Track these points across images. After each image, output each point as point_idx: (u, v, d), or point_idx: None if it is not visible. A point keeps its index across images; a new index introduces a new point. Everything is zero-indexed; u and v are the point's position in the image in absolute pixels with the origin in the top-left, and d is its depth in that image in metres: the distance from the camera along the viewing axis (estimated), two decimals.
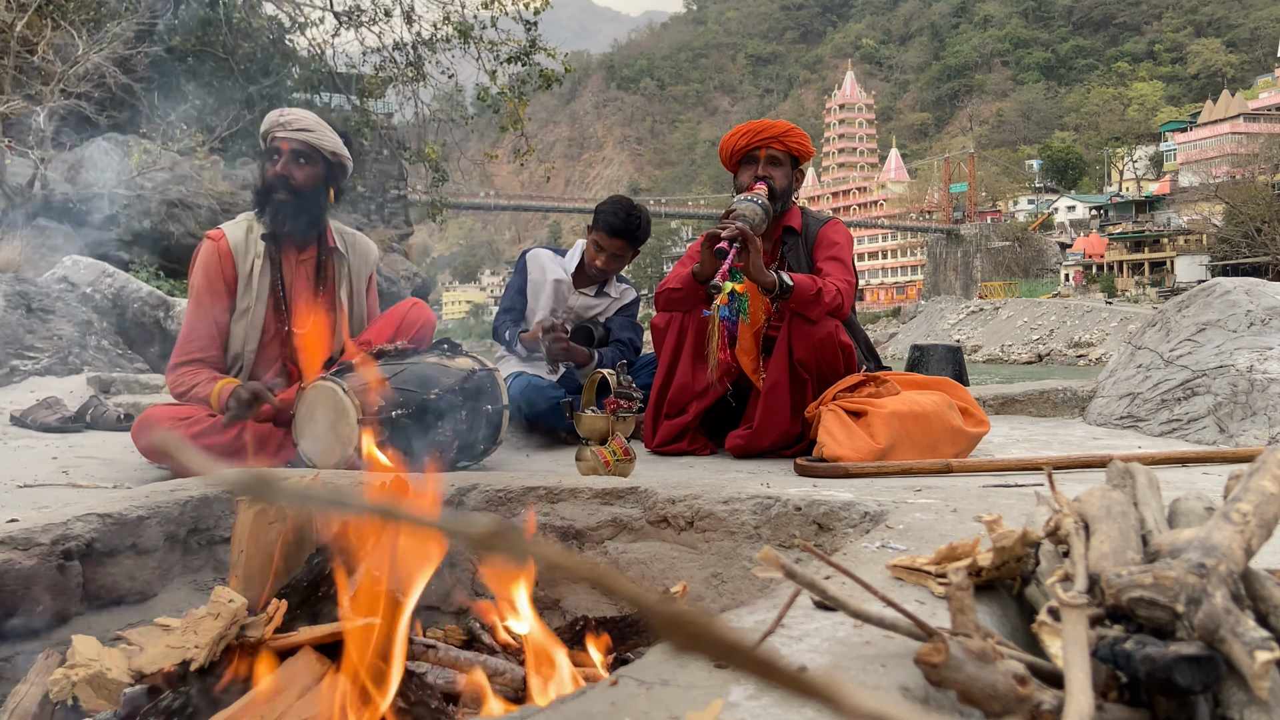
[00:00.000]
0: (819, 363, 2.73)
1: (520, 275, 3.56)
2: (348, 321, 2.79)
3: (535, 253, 3.60)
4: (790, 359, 2.74)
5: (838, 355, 2.74)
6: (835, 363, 2.74)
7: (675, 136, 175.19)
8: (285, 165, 2.61)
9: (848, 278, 2.82)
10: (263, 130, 2.67)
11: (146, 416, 2.51)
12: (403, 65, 14.70)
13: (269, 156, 2.65)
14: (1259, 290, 3.38)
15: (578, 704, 0.69)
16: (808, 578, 0.79)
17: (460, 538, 0.41)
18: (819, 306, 2.69)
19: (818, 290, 2.67)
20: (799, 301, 2.67)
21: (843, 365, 2.76)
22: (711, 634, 0.39)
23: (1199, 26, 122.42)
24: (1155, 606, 0.73)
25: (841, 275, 2.80)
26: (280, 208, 2.63)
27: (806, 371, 2.73)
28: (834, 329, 2.72)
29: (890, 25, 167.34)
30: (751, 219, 2.65)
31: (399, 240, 19.21)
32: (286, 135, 2.62)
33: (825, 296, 2.68)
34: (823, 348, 2.71)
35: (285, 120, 2.63)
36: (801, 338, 2.72)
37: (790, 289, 2.64)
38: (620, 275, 3.63)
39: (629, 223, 3.38)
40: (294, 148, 2.63)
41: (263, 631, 1.14)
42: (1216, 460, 2.29)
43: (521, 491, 1.78)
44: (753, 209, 2.67)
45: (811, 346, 2.71)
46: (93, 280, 6.61)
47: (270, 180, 2.63)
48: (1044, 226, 71.91)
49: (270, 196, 2.63)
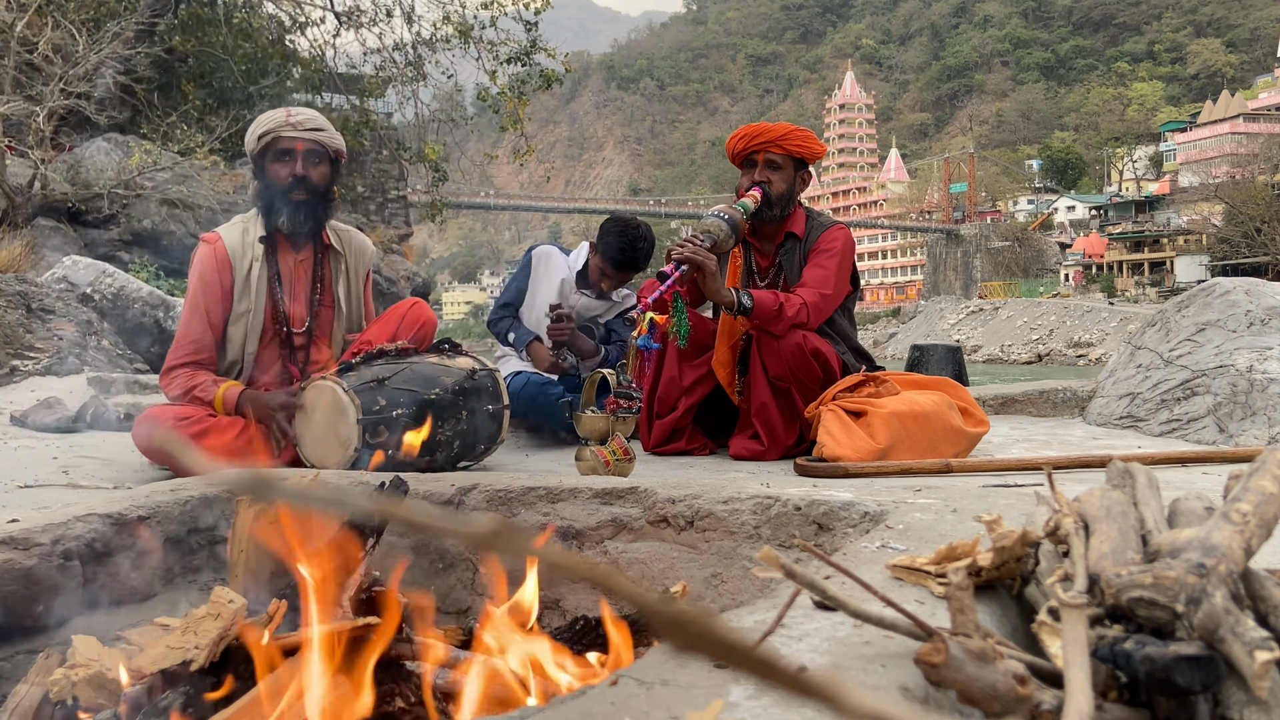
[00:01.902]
0: (794, 375, 2.74)
1: (525, 270, 3.55)
2: (346, 320, 2.79)
3: (542, 249, 3.60)
4: (767, 377, 2.76)
5: (810, 364, 2.73)
6: (811, 371, 2.74)
7: (675, 136, 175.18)
8: (303, 166, 2.59)
9: (823, 289, 2.79)
10: (265, 130, 2.59)
11: (147, 416, 2.51)
12: (403, 65, 14.70)
13: (280, 157, 2.59)
14: (1259, 290, 3.38)
15: (577, 704, 0.69)
16: (808, 578, 0.79)
17: (460, 538, 0.42)
18: (781, 321, 2.70)
19: (779, 306, 2.68)
20: (760, 318, 2.69)
21: (820, 371, 2.75)
22: (711, 634, 0.39)
23: (1199, 26, 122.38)
24: (1155, 606, 0.73)
25: (817, 284, 2.79)
26: (299, 209, 2.60)
27: (785, 383, 2.75)
28: (800, 340, 2.71)
29: (890, 25, 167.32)
30: (717, 234, 2.66)
31: (399, 240, 19.21)
32: (299, 135, 2.59)
33: (788, 310, 2.69)
34: (794, 360, 2.72)
35: (296, 120, 2.60)
36: (770, 353, 2.74)
37: (748, 308, 2.66)
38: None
39: (634, 256, 3.38)
40: (308, 147, 2.61)
41: (263, 632, 1.14)
42: (1216, 460, 2.29)
43: (521, 491, 1.78)
44: (718, 224, 2.67)
45: (782, 361, 2.72)
46: (93, 280, 6.61)
47: (287, 182, 2.58)
48: (1044, 226, 71.90)
49: (287, 198, 2.59)
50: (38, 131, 10.46)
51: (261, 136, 2.60)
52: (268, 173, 2.61)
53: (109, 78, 11.78)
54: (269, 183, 2.61)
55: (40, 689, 1.21)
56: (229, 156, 12.91)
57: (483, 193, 66.12)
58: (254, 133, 2.61)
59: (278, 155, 2.60)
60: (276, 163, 2.60)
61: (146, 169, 11.60)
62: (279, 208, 2.61)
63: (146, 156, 11.61)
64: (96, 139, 12.37)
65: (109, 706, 1.16)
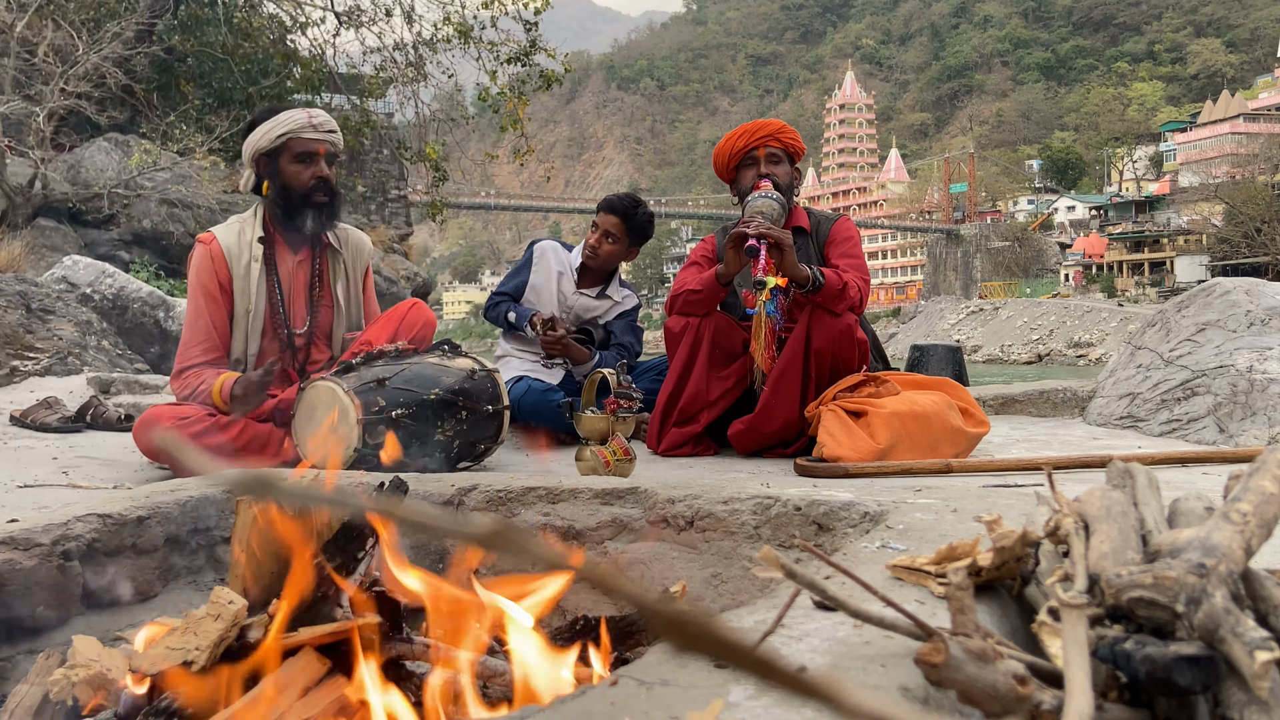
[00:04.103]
0: (834, 354, 2.73)
1: (526, 265, 3.55)
2: (345, 319, 2.79)
3: (545, 243, 3.59)
4: (807, 348, 2.73)
5: (854, 349, 2.75)
6: (850, 355, 2.75)
7: (675, 136, 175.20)
8: (326, 168, 2.61)
9: (864, 275, 2.85)
10: (286, 130, 2.57)
11: (147, 416, 2.51)
12: (403, 65, 14.70)
13: (301, 158, 2.59)
14: (1259, 290, 3.38)
15: (578, 704, 0.69)
16: (808, 578, 0.79)
17: (460, 538, 0.42)
18: (844, 301, 2.71)
19: (843, 285, 2.69)
20: (826, 296, 2.68)
21: (856, 359, 2.77)
22: (711, 634, 0.39)
23: (1199, 26, 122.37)
24: (1155, 606, 0.73)
25: (859, 273, 2.83)
26: (321, 210, 2.62)
27: (821, 361, 2.73)
28: (853, 322, 2.74)
29: (890, 25, 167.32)
30: (770, 215, 2.67)
31: (399, 240, 19.19)
32: (320, 137, 2.60)
33: (850, 291, 2.71)
34: (841, 340, 2.72)
35: (318, 122, 2.61)
36: (822, 329, 2.72)
37: (821, 284, 2.66)
38: (622, 280, 3.62)
39: (625, 202, 3.43)
40: (329, 150, 2.63)
41: (263, 632, 1.14)
42: (1216, 460, 2.29)
43: (521, 491, 1.78)
44: (770, 204, 2.69)
45: (831, 338, 2.71)
46: (93, 280, 6.61)
47: (310, 184, 2.59)
48: (1044, 226, 71.92)
49: (310, 199, 2.60)
50: (38, 131, 10.47)
51: (281, 135, 2.58)
52: (284, 173, 2.60)
53: (109, 78, 11.76)
54: (287, 184, 2.60)
55: (40, 689, 1.21)
56: (229, 156, 12.90)
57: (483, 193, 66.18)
58: (270, 131, 2.58)
59: (299, 157, 2.59)
60: (298, 164, 2.59)
61: (146, 169, 11.60)
62: (301, 209, 2.61)
63: (146, 156, 11.61)
64: (96, 139, 12.37)
65: (109, 706, 1.16)
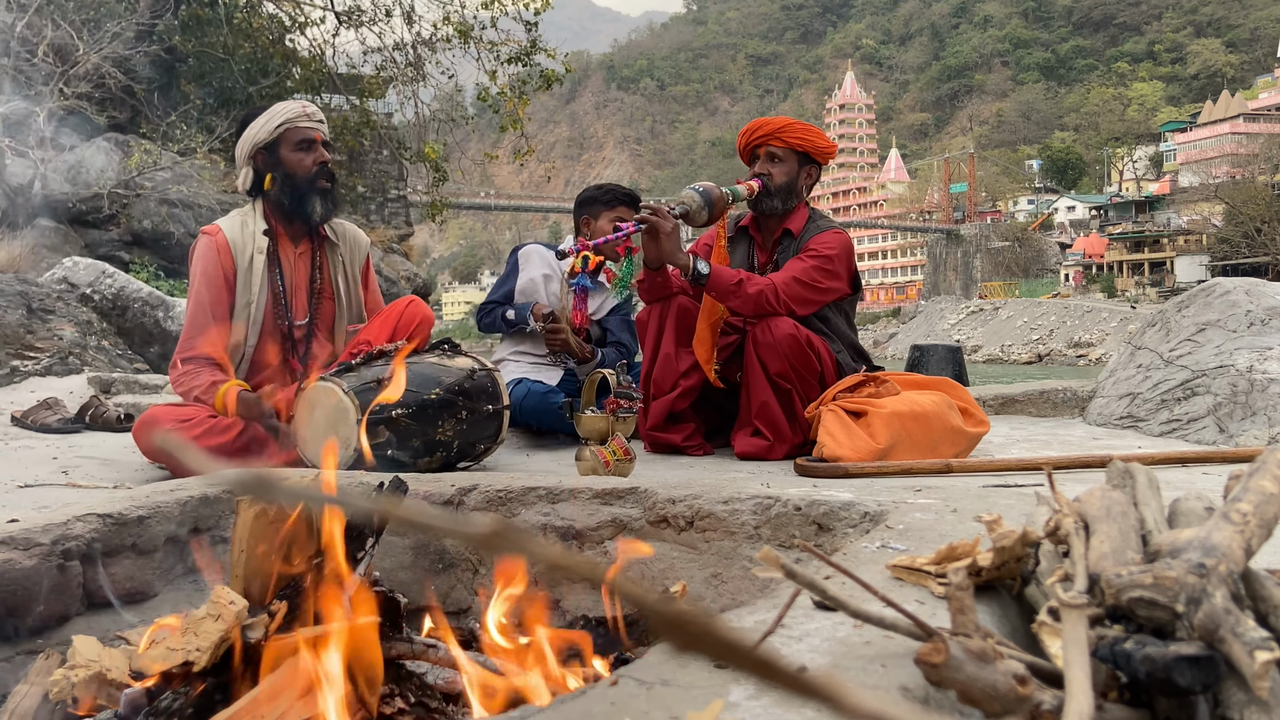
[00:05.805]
0: (794, 370, 2.73)
1: (513, 272, 3.55)
2: (347, 311, 2.80)
3: (527, 247, 3.60)
4: (767, 375, 2.75)
5: (808, 356, 2.74)
6: (809, 364, 2.74)
7: (675, 137, 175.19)
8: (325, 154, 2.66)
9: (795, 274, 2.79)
10: (285, 119, 2.62)
11: (148, 417, 2.51)
12: (403, 65, 14.70)
13: (302, 146, 2.63)
14: (1259, 290, 3.38)
15: (578, 704, 0.69)
16: (808, 578, 0.79)
17: (460, 538, 0.42)
18: (738, 298, 2.72)
19: (738, 281, 2.71)
20: (716, 289, 2.73)
21: (817, 363, 2.76)
22: (711, 634, 0.39)
23: (1199, 27, 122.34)
24: (1155, 606, 0.73)
25: (789, 271, 2.80)
26: (326, 196, 2.67)
27: (787, 382, 2.74)
28: (793, 329, 2.71)
29: (890, 25, 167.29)
30: (690, 205, 2.76)
31: (399, 240, 19.18)
32: (315, 125, 2.65)
33: (748, 287, 2.71)
34: (792, 353, 2.71)
35: (310, 111, 2.66)
36: (768, 349, 2.72)
37: (705, 276, 2.70)
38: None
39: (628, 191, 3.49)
40: (324, 138, 2.68)
41: (263, 632, 1.14)
42: (1216, 460, 2.29)
43: (522, 491, 1.78)
44: (692, 196, 2.78)
45: (781, 356, 2.71)
46: (93, 280, 6.61)
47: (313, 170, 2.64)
48: (1044, 227, 71.91)
49: (315, 185, 2.65)
50: (38, 131, 10.46)
51: (280, 125, 2.62)
52: (287, 162, 2.64)
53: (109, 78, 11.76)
54: (291, 172, 2.64)
55: (40, 689, 1.21)
56: (229, 156, 12.90)
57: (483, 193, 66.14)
58: (268, 123, 2.62)
59: (299, 145, 2.64)
60: (299, 151, 2.64)
61: (146, 169, 11.60)
62: (308, 196, 2.65)
63: (146, 156, 11.61)
64: (96, 139, 12.37)
65: (109, 707, 1.16)
